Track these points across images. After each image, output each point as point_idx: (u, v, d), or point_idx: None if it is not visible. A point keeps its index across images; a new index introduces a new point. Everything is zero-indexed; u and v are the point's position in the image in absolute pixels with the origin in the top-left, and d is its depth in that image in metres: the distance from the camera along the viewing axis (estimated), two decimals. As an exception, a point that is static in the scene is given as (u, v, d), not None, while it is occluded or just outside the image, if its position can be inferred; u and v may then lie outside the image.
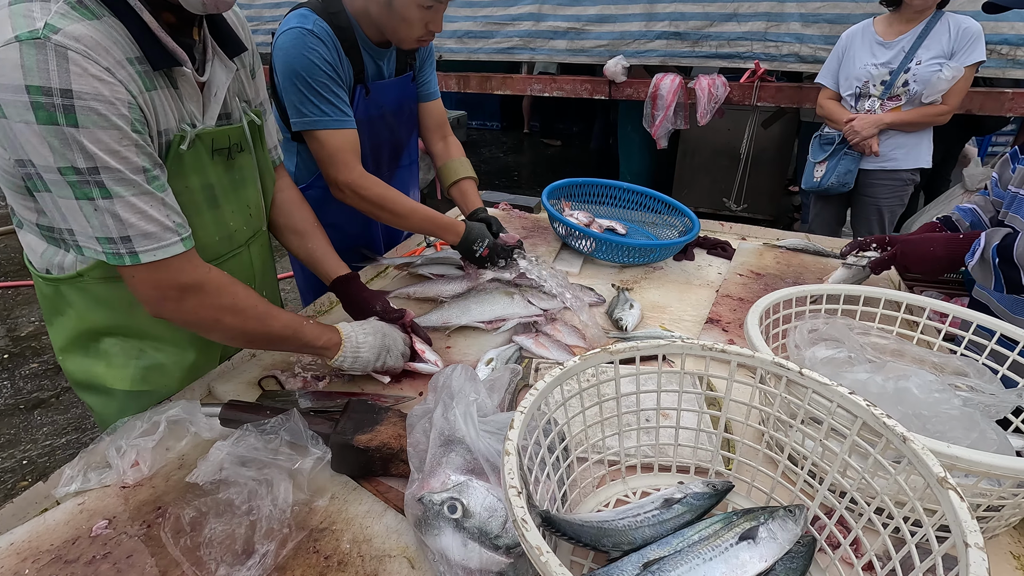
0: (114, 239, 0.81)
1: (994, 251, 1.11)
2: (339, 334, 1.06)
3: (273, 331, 0.99)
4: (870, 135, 2.40)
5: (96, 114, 0.74)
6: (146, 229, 0.82)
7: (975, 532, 0.53)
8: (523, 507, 0.57)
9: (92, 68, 0.73)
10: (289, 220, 1.23)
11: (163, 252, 0.85)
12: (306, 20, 1.26)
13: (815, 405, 0.76)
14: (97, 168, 0.76)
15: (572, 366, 0.78)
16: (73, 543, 0.77)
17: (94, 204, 0.78)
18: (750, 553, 0.71)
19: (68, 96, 0.72)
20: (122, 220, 0.80)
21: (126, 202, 0.80)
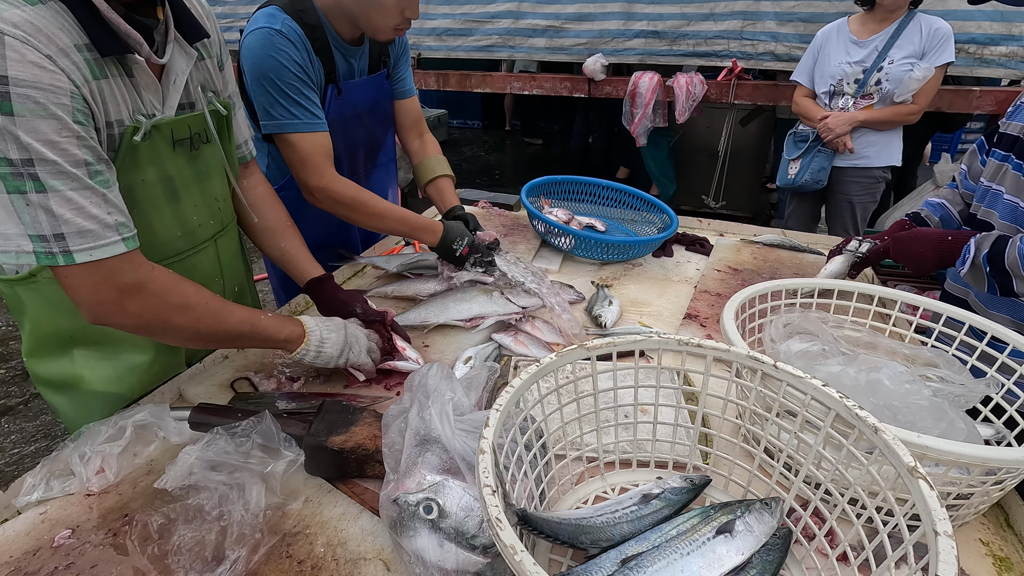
0: (47, 237, 0.75)
1: (984, 259, 1.13)
2: (302, 327, 1.03)
3: (229, 327, 0.94)
4: (843, 132, 2.43)
5: (33, 102, 0.70)
6: (83, 226, 0.77)
7: (944, 520, 0.54)
8: (497, 506, 0.56)
9: (31, 55, 0.70)
10: (261, 218, 1.19)
11: (100, 252, 0.79)
12: (274, 20, 1.22)
13: (790, 398, 0.76)
14: (32, 160, 0.72)
15: (549, 363, 0.78)
16: (34, 554, 0.74)
17: (26, 198, 0.73)
18: (727, 547, 0.71)
19: (3, 83, 0.68)
20: (56, 216, 0.74)
21: (62, 196, 0.74)
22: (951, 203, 1.46)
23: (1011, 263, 1.09)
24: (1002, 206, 1.21)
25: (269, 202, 1.22)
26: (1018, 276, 1.09)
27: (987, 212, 1.25)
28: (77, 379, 1.02)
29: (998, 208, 1.22)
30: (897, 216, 3.27)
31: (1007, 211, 1.20)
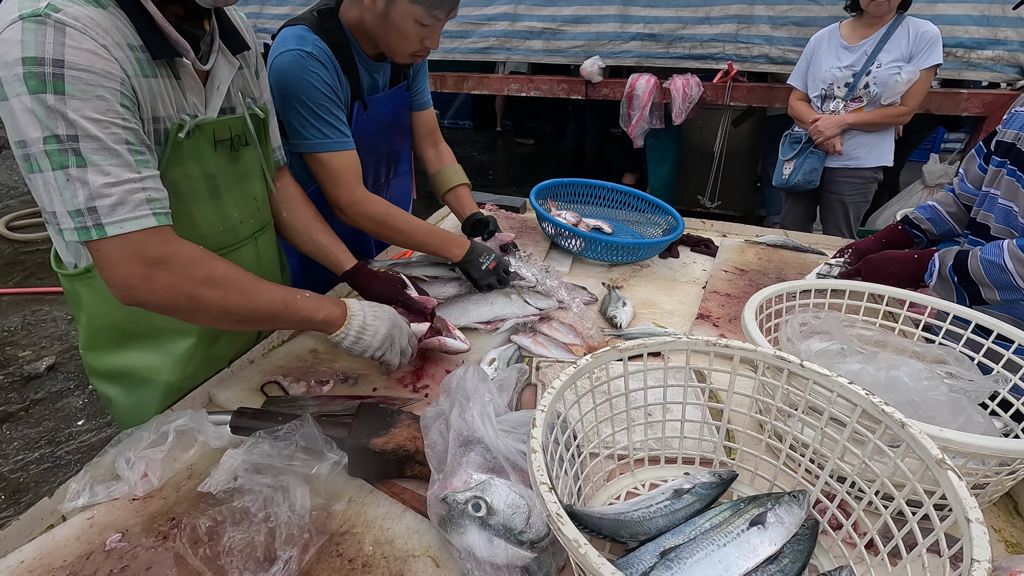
0: (82, 211, 0.78)
1: (951, 271, 1.19)
2: (344, 309, 1.02)
3: (260, 305, 0.92)
4: (833, 135, 2.50)
5: (84, 83, 0.75)
6: (116, 199, 0.79)
7: (975, 508, 0.58)
8: (556, 502, 0.59)
9: (87, 43, 0.75)
10: (293, 215, 1.25)
11: (131, 225, 0.80)
12: (304, 42, 1.25)
13: (815, 395, 0.80)
14: (77, 136, 0.76)
15: (585, 364, 0.81)
16: (87, 558, 0.75)
17: (67, 173, 0.76)
18: (760, 538, 0.74)
19: (60, 66, 0.73)
20: (91, 188, 0.77)
21: (100, 170, 0.77)
22: (942, 205, 1.51)
23: (974, 272, 1.15)
24: (998, 210, 1.27)
25: (300, 200, 1.28)
26: (984, 284, 1.15)
27: (985, 215, 1.31)
28: (130, 370, 1.06)
29: (994, 211, 1.28)
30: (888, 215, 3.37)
31: (1001, 215, 1.26)
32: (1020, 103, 1.32)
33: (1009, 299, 1.15)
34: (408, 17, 1.22)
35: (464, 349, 1.18)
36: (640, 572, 0.71)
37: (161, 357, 1.07)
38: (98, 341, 1.06)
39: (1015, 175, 1.22)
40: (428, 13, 1.22)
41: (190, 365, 1.09)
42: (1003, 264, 1.12)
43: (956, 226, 1.48)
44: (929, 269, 1.24)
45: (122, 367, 1.07)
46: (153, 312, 0.88)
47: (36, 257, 4.04)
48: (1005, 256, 1.12)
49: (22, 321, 3.24)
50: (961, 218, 1.48)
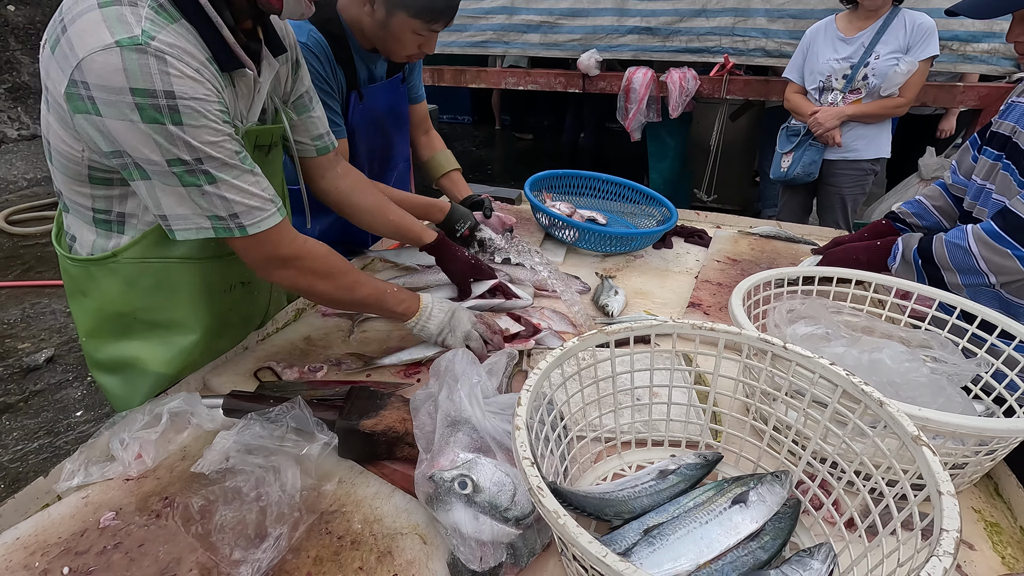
0: (224, 217, 0.89)
1: (915, 253, 1.20)
2: (419, 303, 1.16)
3: (359, 298, 1.09)
4: (832, 127, 2.51)
5: (195, 112, 0.81)
6: (250, 204, 0.90)
7: (947, 481, 0.59)
8: (537, 476, 0.61)
9: (187, 70, 0.80)
10: (364, 199, 1.31)
11: (266, 223, 0.93)
12: (300, 31, 1.28)
13: (798, 377, 0.81)
14: (201, 159, 0.83)
15: (571, 347, 0.82)
16: (82, 535, 0.77)
17: (202, 190, 0.86)
18: (742, 516, 0.76)
19: (171, 97, 0.78)
20: (229, 200, 0.88)
21: (230, 184, 0.87)
22: (929, 199, 1.52)
23: (938, 256, 1.16)
24: (991, 205, 1.27)
25: (365, 185, 1.33)
26: (946, 268, 1.16)
27: (980, 211, 1.31)
28: (131, 360, 1.08)
29: (988, 206, 1.28)
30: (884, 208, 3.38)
31: (996, 210, 1.26)
32: (1018, 92, 1.32)
33: (970, 284, 1.16)
34: (406, 28, 1.29)
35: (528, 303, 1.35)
36: (623, 548, 0.72)
37: (164, 348, 1.08)
38: (103, 329, 1.07)
39: (1010, 170, 1.21)
40: (426, 26, 1.29)
41: (191, 357, 1.10)
42: (967, 247, 1.13)
43: (943, 220, 1.49)
44: (892, 252, 1.25)
45: (124, 357, 1.09)
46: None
47: (35, 251, 4.05)
48: (970, 239, 1.13)
49: (21, 314, 3.25)
50: (948, 212, 1.48)
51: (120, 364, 1.09)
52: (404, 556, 0.75)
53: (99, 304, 1.04)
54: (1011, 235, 1.08)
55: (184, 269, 1.03)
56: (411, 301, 1.15)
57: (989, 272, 1.12)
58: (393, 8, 1.26)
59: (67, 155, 0.89)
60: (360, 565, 0.74)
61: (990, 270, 1.11)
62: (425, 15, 1.26)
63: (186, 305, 1.06)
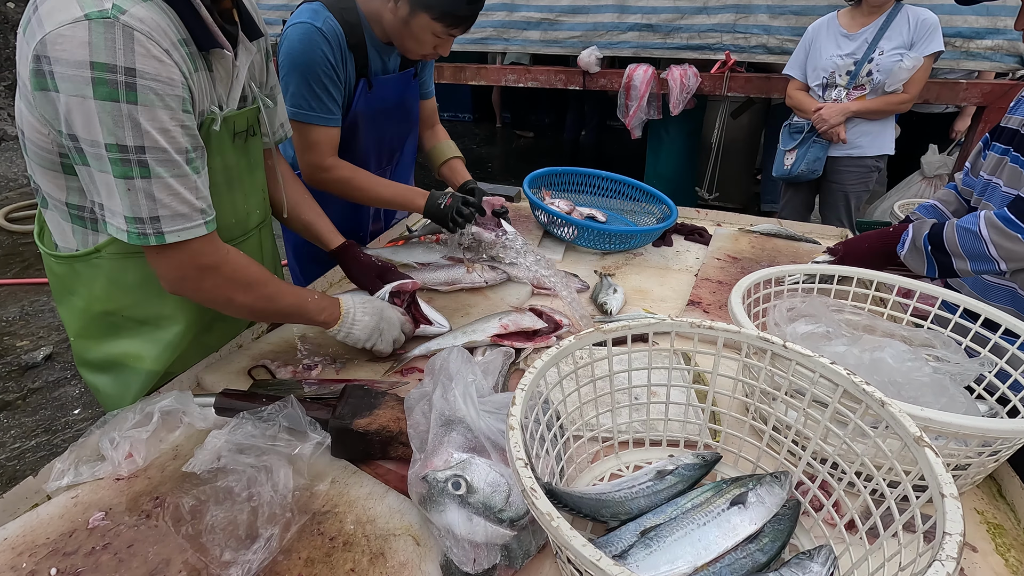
0: (143, 219, 0.83)
1: (925, 239, 1.19)
2: (340, 309, 1.10)
3: (280, 308, 1.04)
4: (837, 123, 2.49)
5: (154, 93, 0.77)
6: (177, 210, 0.85)
7: (950, 484, 0.58)
8: (531, 477, 0.59)
9: (154, 49, 0.76)
10: (287, 193, 1.27)
11: (187, 233, 0.87)
12: (317, 16, 1.31)
13: (798, 376, 0.80)
14: (144, 147, 0.78)
15: (568, 345, 0.81)
16: (70, 535, 0.76)
17: (130, 183, 0.80)
18: (741, 517, 0.74)
19: (131, 75, 0.75)
20: (156, 200, 0.82)
21: (164, 183, 0.82)
22: (944, 203, 1.50)
23: (949, 242, 1.15)
24: (999, 198, 1.25)
25: (291, 179, 1.30)
26: (956, 254, 1.14)
27: (985, 205, 1.29)
28: (121, 357, 1.07)
29: (994, 200, 1.26)
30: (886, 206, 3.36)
31: (1003, 203, 1.24)
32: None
33: (979, 270, 1.14)
34: (427, 30, 1.31)
35: (443, 331, 1.22)
36: (620, 550, 0.71)
37: (151, 345, 1.07)
38: (91, 328, 1.06)
39: (1019, 162, 1.19)
40: (446, 30, 1.32)
41: (178, 352, 1.09)
42: (978, 231, 1.11)
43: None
44: (902, 239, 1.23)
45: (113, 355, 1.07)
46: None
47: (34, 248, 4.02)
48: (981, 223, 1.11)
49: (20, 311, 3.25)
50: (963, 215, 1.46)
51: (110, 363, 1.08)
52: (397, 558, 0.74)
53: (86, 302, 1.02)
54: (1022, 220, 1.06)
55: None
56: (333, 308, 1.10)
57: (999, 258, 1.10)
58: (417, 8, 1.28)
59: (39, 143, 0.87)
60: (352, 567, 0.73)
61: (1000, 256, 1.09)
62: (447, 20, 1.29)
63: (169, 298, 1.03)
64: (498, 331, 1.19)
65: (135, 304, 1.03)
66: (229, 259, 0.95)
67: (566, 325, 1.27)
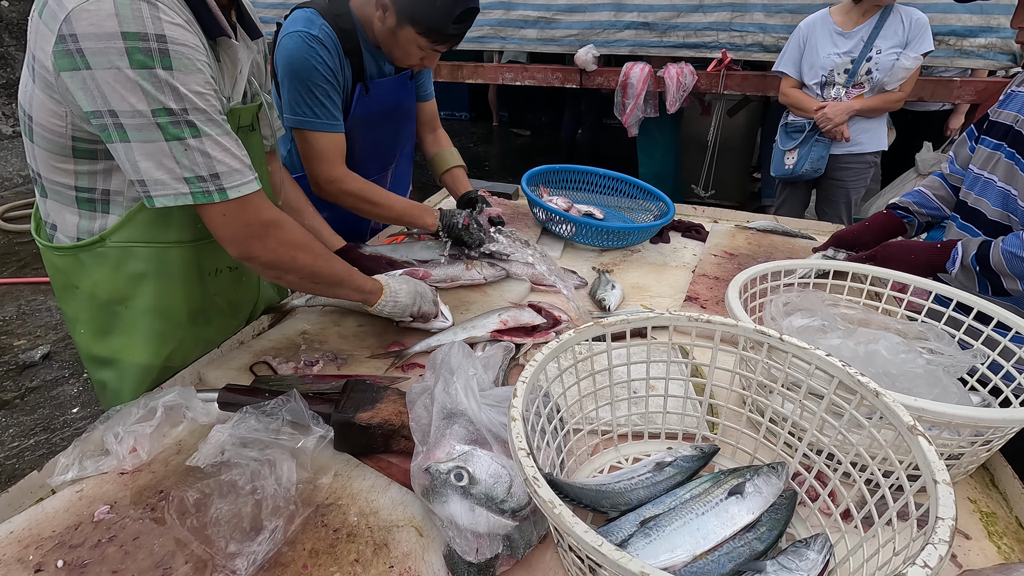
0: (204, 177, 0.85)
1: (973, 261, 1.20)
2: (379, 283, 1.14)
3: (335, 271, 1.06)
4: (842, 121, 2.51)
5: (186, 58, 0.80)
6: (232, 165, 0.87)
7: (942, 471, 0.59)
8: (533, 467, 0.61)
9: (177, 18, 0.80)
10: (284, 199, 1.29)
11: (247, 188, 0.89)
12: (312, 24, 1.31)
13: (794, 368, 0.81)
14: (187, 109, 0.81)
15: (568, 339, 0.82)
16: (76, 528, 0.76)
17: (184, 144, 0.82)
18: (739, 507, 0.76)
19: (163, 41, 0.77)
20: (211, 157, 0.85)
21: (214, 140, 0.85)
22: (930, 189, 1.52)
23: (996, 263, 1.16)
24: (994, 194, 1.26)
25: (290, 185, 1.32)
26: (1004, 274, 1.16)
27: (978, 200, 1.30)
28: (123, 350, 1.07)
29: (989, 196, 1.27)
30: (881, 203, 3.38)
31: (999, 199, 1.25)
32: (1016, 83, 1.32)
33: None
34: (413, 43, 1.32)
35: (446, 325, 1.23)
36: (620, 540, 0.72)
37: (152, 336, 1.08)
38: (95, 321, 1.06)
39: (1014, 158, 1.21)
40: (432, 46, 1.33)
41: (177, 344, 1.10)
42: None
43: (944, 208, 1.49)
44: (952, 257, 1.24)
45: (116, 347, 1.08)
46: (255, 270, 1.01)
47: (31, 247, 4.03)
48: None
49: (17, 310, 3.24)
50: (948, 200, 1.49)
51: (113, 355, 1.08)
52: (400, 548, 0.75)
53: (90, 293, 1.03)
54: None
55: (172, 253, 1.02)
56: (373, 282, 1.14)
57: None
58: (403, 21, 1.29)
59: (51, 127, 0.87)
60: (356, 557, 0.74)
61: None
62: (432, 36, 1.30)
63: (173, 289, 1.04)
64: (498, 327, 1.21)
65: (137, 294, 1.03)
66: (286, 217, 0.97)
67: (565, 321, 1.28)
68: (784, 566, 0.67)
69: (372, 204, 1.48)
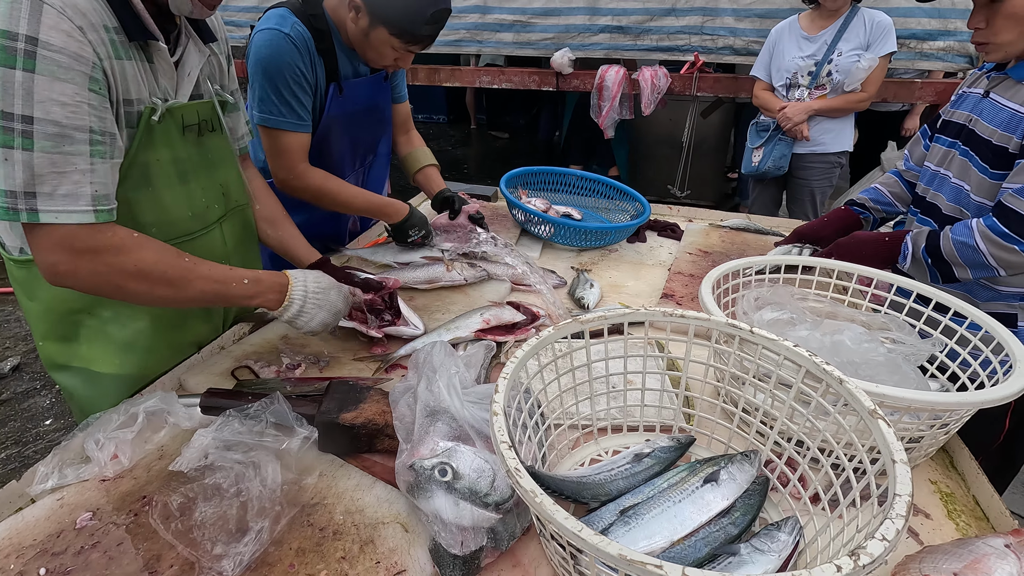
0: (16, 193, 0.77)
1: (924, 253, 1.26)
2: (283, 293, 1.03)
3: (191, 296, 0.94)
4: (800, 121, 2.59)
5: (56, 65, 0.76)
6: (58, 189, 0.79)
7: (900, 451, 0.63)
8: (515, 458, 0.63)
9: (64, 24, 0.76)
10: (259, 209, 1.27)
11: (67, 217, 0.80)
12: (284, 22, 1.31)
13: (764, 359, 0.85)
14: (34, 117, 0.75)
15: (548, 335, 0.84)
16: (58, 536, 0.76)
17: (7, 153, 0.76)
18: (714, 494, 0.79)
19: (32, 43, 0.74)
20: (36, 175, 0.77)
21: (49, 157, 0.77)
22: (885, 186, 1.59)
23: (947, 253, 1.22)
24: (948, 189, 1.33)
25: (265, 193, 1.30)
26: (956, 264, 1.22)
27: (935, 195, 1.37)
28: (90, 359, 1.05)
29: (944, 191, 1.34)
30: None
31: (953, 194, 1.32)
32: (967, 84, 1.38)
33: (980, 276, 1.21)
34: (386, 43, 1.32)
35: (417, 334, 1.22)
36: (600, 528, 0.74)
37: (119, 345, 1.06)
38: (57, 330, 1.04)
39: (968, 155, 1.27)
40: (405, 47, 1.33)
41: (152, 353, 1.08)
42: (975, 245, 1.18)
43: (897, 204, 1.57)
44: (903, 252, 1.30)
45: (82, 357, 1.06)
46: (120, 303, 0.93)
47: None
48: (976, 237, 1.18)
49: (-16, 322, 3.15)
50: (902, 196, 1.56)
51: (80, 365, 1.06)
52: (386, 544, 0.76)
53: (48, 305, 1.01)
54: (1015, 231, 1.14)
55: None
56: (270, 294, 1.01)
57: (998, 267, 1.18)
58: (376, 22, 1.29)
59: None
60: (343, 555, 0.75)
61: (998, 265, 1.18)
62: (405, 37, 1.31)
63: None
64: (481, 326, 1.22)
65: (97, 301, 1.01)
66: (112, 241, 0.85)
67: (543, 316, 1.31)
68: (757, 548, 0.70)
69: (332, 200, 1.49)
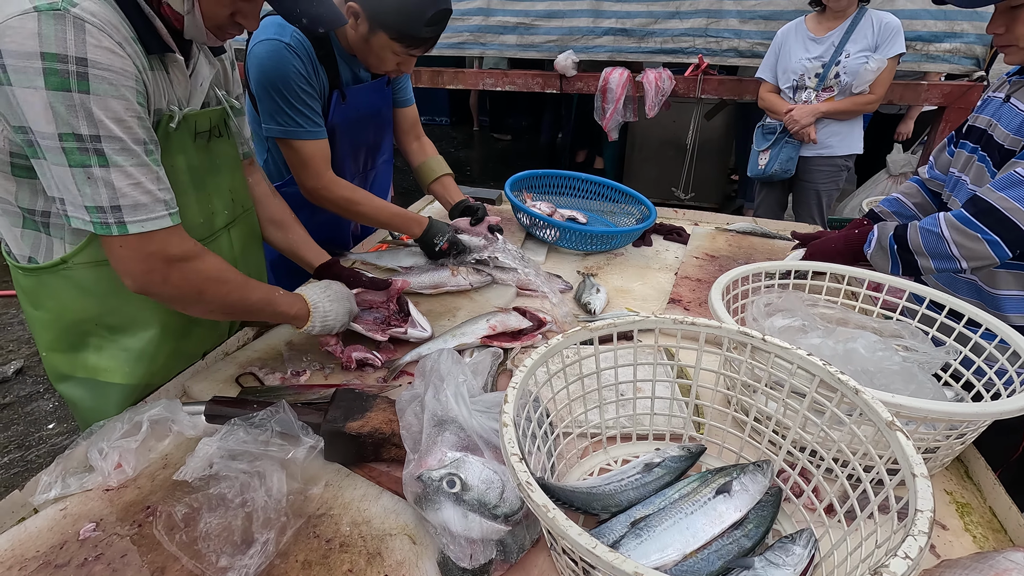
0: (104, 208, 0.82)
1: (891, 239, 1.24)
2: (307, 306, 1.10)
3: (251, 302, 1.02)
4: (807, 123, 2.57)
5: (108, 83, 0.78)
6: (138, 200, 0.84)
7: (920, 464, 0.61)
8: (526, 471, 0.61)
9: (106, 41, 0.77)
10: (267, 212, 1.28)
11: (152, 224, 0.86)
12: (283, 31, 1.30)
13: (777, 368, 0.83)
14: (100, 136, 0.79)
15: (556, 343, 0.83)
16: (61, 547, 0.75)
17: (88, 172, 0.80)
18: (726, 505, 0.77)
19: (83, 64, 0.75)
20: (115, 189, 0.82)
21: (123, 171, 0.82)
22: (907, 196, 1.56)
23: (912, 241, 1.21)
24: (965, 195, 1.31)
25: (272, 198, 1.30)
26: (920, 253, 1.20)
27: (954, 201, 1.35)
28: (96, 370, 1.05)
29: (961, 197, 1.32)
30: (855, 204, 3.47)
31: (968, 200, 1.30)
32: (994, 88, 1.36)
33: (942, 268, 1.19)
34: (387, 48, 1.31)
35: (425, 336, 1.22)
36: (611, 541, 0.73)
37: (126, 356, 1.05)
38: (63, 341, 1.03)
39: (985, 162, 1.25)
40: (405, 50, 1.32)
41: (157, 362, 1.08)
42: (939, 232, 1.17)
43: (919, 215, 1.53)
44: (868, 239, 1.29)
45: (89, 367, 1.05)
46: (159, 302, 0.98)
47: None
48: (942, 224, 1.17)
49: (-13, 325, 3.15)
50: (925, 207, 1.53)
51: (85, 375, 1.05)
52: (394, 557, 0.75)
53: (55, 315, 1.00)
54: (980, 220, 1.12)
55: None
56: (300, 304, 1.10)
57: (960, 257, 1.15)
58: (376, 27, 1.28)
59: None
60: (349, 567, 0.74)
61: (961, 255, 1.15)
62: (405, 40, 1.29)
63: (144, 302, 1.00)
64: (487, 332, 1.21)
65: (108, 312, 1.01)
66: (196, 250, 0.94)
67: (549, 322, 1.30)
68: (771, 561, 0.69)
69: (359, 212, 1.50)
